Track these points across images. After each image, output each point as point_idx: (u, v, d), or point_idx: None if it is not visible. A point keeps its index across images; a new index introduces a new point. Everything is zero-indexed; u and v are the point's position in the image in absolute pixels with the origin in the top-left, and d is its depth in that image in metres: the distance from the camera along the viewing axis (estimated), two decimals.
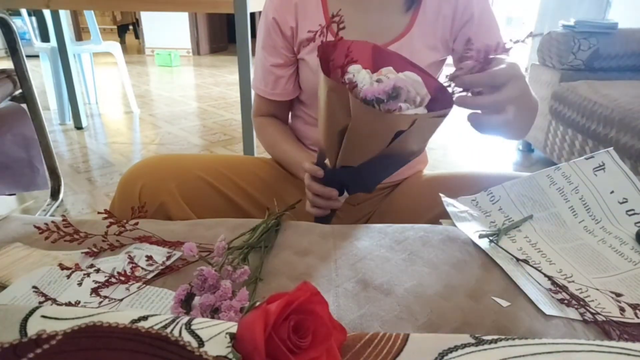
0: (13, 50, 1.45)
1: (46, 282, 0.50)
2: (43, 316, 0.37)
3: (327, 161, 0.67)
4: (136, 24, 7.06)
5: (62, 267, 0.51)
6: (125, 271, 0.50)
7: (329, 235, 0.64)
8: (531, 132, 2.33)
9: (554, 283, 0.52)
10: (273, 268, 0.56)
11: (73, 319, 0.37)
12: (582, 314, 0.48)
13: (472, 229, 0.63)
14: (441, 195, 0.70)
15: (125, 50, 5.97)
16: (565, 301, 0.50)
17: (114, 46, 3.11)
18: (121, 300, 0.48)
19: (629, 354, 0.37)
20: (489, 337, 0.38)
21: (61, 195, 1.74)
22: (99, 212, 0.61)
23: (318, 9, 0.79)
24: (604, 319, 0.47)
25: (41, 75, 3.23)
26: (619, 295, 0.50)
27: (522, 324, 0.46)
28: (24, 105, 1.52)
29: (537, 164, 2.35)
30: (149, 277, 0.52)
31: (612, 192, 0.64)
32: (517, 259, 0.57)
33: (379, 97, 0.56)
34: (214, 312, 0.44)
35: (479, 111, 0.59)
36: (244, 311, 0.44)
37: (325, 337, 0.34)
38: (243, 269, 0.50)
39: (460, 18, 0.78)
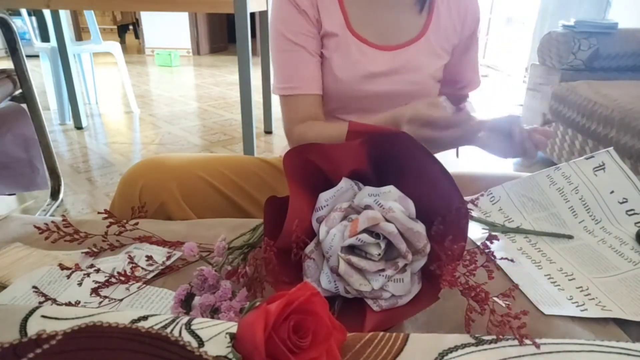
0: (13, 50, 1.45)
1: (46, 282, 0.50)
2: (43, 316, 0.37)
3: None
4: (136, 24, 7.06)
5: (62, 267, 0.51)
6: (125, 271, 0.50)
7: None
8: None
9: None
10: None
11: (73, 319, 0.37)
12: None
13: (472, 229, 0.63)
14: None
15: (125, 50, 5.96)
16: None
17: (114, 46, 3.11)
18: (121, 300, 0.48)
19: (629, 354, 0.37)
20: (489, 337, 0.38)
21: (61, 195, 1.74)
22: (99, 212, 0.61)
23: (335, 6, 0.79)
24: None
25: (41, 75, 3.23)
26: None
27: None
28: (24, 105, 1.52)
29: (537, 164, 2.35)
30: (149, 277, 0.52)
31: (612, 192, 0.64)
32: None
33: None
34: (213, 312, 0.44)
35: None
36: (244, 311, 0.44)
37: (325, 337, 0.34)
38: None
39: (469, 28, 0.81)
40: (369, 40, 0.80)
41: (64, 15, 2.54)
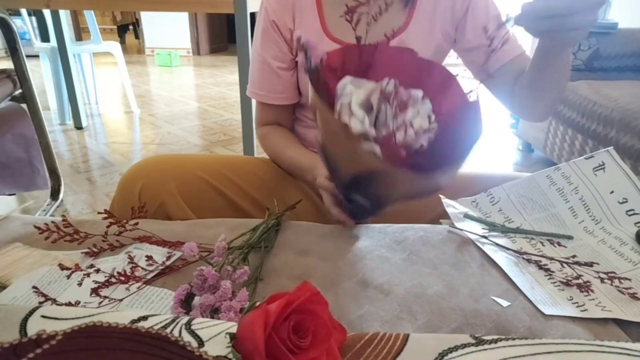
0: (13, 50, 1.45)
1: (46, 282, 0.50)
2: (43, 316, 0.37)
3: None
4: (136, 24, 7.05)
5: (62, 267, 0.51)
6: (125, 271, 0.50)
7: (329, 235, 0.64)
8: (531, 132, 2.33)
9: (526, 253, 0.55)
10: (273, 268, 0.56)
11: (73, 319, 0.37)
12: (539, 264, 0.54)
13: (472, 229, 0.63)
14: (441, 196, 0.70)
15: (125, 50, 5.96)
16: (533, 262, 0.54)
17: (114, 46, 3.11)
18: (121, 300, 0.48)
19: (629, 354, 0.37)
20: (489, 337, 0.38)
21: (61, 195, 1.74)
22: (99, 212, 0.61)
23: (313, 8, 0.79)
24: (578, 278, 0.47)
25: (41, 75, 3.23)
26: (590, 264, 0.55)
27: (522, 324, 0.46)
28: (24, 105, 1.52)
29: (537, 164, 2.35)
30: (149, 277, 0.52)
31: (612, 192, 0.64)
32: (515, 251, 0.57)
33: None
34: (213, 312, 0.44)
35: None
36: (244, 311, 0.44)
37: (325, 337, 0.34)
38: (243, 269, 0.50)
39: (460, 8, 0.78)
40: (346, 41, 0.79)
41: (64, 15, 2.54)
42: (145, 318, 0.38)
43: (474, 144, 0.49)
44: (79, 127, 2.81)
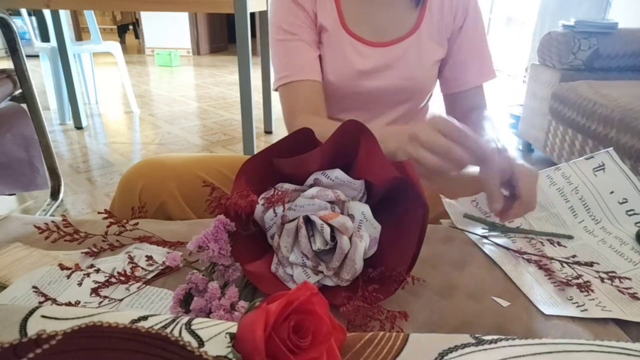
0: (13, 50, 1.45)
1: (46, 282, 0.50)
2: (43, 316, 0.37)
3: None
4: (136, 24, 7.06)
5: (62, 267, 0.51)
6: (125, 271, 0.50)
7: None
8: (531, 132, 2.33)
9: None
10: None
11: (73, 319, 0.37)
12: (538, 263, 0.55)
13: (472, 229, 0.63)
14: (441, 195, 0.70)
15: (125, 50, 5.97)
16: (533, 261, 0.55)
17: (114, 46, 3.11)
18: (121, 300, 0.48)
19: (629, 354, 0.37)
20: (489, 337, 0.38)
21: (61, 195, 1.74)
22: (99, 212, 0.61)
23: (331, 2, 0.80)
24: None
25: (41, 75, 3.23)
26: (590, 264, 0.55)
27: (522, 324, 0.46)
28: (24, 105, 1.52)
29: (537, 164, 2.35)
30: (149, 277, 0.52)
31: (612, 192, 0.64)
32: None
33: None
34: (208, 314, 0.44)
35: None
36: (245, 311, 0.44)
37: (325, 337, 0.34)
38: (234, 266, 0.50)
39: (460, 18, 0.80)
40: (362, 37, 0.80)
41: (64, 15, 2.54)
42: (145, 318, 0.38)
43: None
44: (79, 127, 2.81)
